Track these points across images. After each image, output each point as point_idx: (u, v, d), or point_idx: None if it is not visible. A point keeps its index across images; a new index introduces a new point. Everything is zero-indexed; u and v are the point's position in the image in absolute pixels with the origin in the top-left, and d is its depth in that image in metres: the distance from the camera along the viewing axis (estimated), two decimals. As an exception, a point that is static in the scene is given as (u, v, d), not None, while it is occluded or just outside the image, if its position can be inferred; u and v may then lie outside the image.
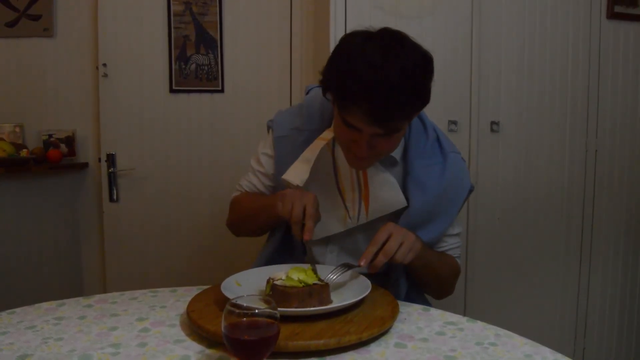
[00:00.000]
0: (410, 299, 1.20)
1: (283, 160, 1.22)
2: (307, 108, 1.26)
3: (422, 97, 1.01)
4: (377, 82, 0.93)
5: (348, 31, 1.06)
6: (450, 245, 1.24)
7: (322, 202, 1.17)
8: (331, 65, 1.02)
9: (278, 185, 1.24)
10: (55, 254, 2.38)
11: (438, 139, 1.21)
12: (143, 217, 2.38)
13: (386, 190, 1.16)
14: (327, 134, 1.17)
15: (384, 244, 1.02)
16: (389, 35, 1.00)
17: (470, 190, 1.23)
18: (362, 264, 1.02)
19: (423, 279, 1.21)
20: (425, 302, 1.28)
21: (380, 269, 1.05)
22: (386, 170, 1.17)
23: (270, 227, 1.28)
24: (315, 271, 1.02)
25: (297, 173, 1.14)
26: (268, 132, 1.31)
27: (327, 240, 1.24)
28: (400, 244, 1.01)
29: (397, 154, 1.18)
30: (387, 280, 1.20)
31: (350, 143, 1.06)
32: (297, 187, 1.12)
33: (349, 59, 0.97)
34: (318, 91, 1.27)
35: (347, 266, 1.07)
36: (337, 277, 1.04)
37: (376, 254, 1.02)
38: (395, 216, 1.16)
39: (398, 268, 1.15)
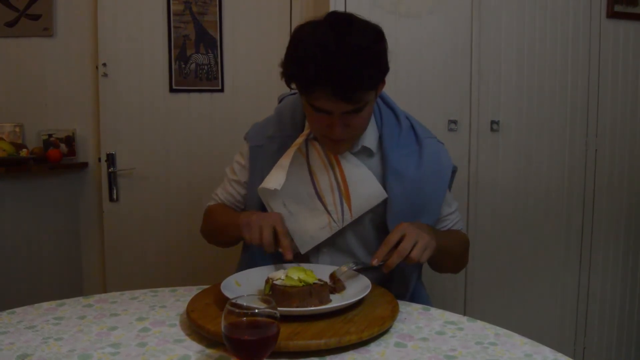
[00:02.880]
0: (414, 291, 1.21)
1: (257, 170, 1.23)
2: (278, 115, 1.28)
3: (379, 66, 1.03)
4: (333, 61, 0.96)
5: None
6: (453, 221, 1.26)
7: (303, 212, 1.18)
8: (288, 56, 1.05)
9: (251, 194, 1.25)
10: (55, 254, 2.38)
11: (412, 127, 1.22)
12: (143, 217, 2.38)
13: (365, 184, 1.17)
14: (299, 139, 1.19)
15: (398, 244, 1.01)
16: (336, 17, 1.04)
17: (454, 171, 1.24)
18: (374, 263, 1.02)
19: (441, 264, 1.24)
20: (426, 299, 1.28)
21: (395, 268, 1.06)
22: (363, 165, 1.18)
23: (239, 241, 1.28)
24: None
25: (273, 179, 1.15)
26: (245, 143, 1.31)
27: (317, 245, 1.23)
28: (415, 243, 1.01)
29: (372, 144, 1.19)
30: (392, 274, 1.21)
31: (325, 129, 1.08)
32: (275, 190, 1.14)
33: (304, 46, 1.01)
34: (289, 99, 1.30)
35: (360, 263, 1.08)
36: (348, 270, 1.06)
37: (389, 253, 1.02)
38: (381, 209, 1.17)
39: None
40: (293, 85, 1.06)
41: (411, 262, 1.01)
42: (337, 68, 0.96)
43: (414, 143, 1.20)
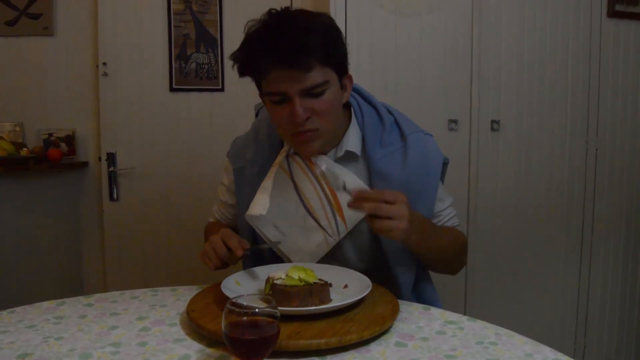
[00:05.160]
0: (419, 290, 1.20)
1: (243, 193, 1.22)
2: (256, 134, 1.26)
3: (326, 37, 1.02)
4: (276, 32, 0.99)
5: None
6: (446, 217, 1.21)
7: (297, 232, 1.16)
8: (238, 48, 1.07)
9: (240, 214, 1.24)
10: (55, 253, 2.38)
11: (396, 122, 1.18)
12: (143, 216, 2.38)
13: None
14: (279, 158, 1.17)
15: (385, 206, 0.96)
16: (281, 9, 1.07)
17: (445, 163, 1.19)
18: (352, 194, 0.99)
19: (431, 263, 1.20)
20: (434, 296, 1.26)
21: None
22: (349, 171, 1.14)
23: (236, 261, 1.24)
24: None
25: (257, 204, 1.13)
26: (228, 162, 1.30)
27: None
28: (391, 222, 0.96)
29: (356, 148, 1.14)
30: (386, 276, 1.20)
31: (290, 124, 1.04)
32: (260, 215, 1.12)
33: (250, 35, 1.04)
34: (264, 113, 1.26)
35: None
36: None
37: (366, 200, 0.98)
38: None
39: (398, 265, 1.15)
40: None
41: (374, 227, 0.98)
42: (279, 36, 0.99)
43: (398, 140, 1.15)
